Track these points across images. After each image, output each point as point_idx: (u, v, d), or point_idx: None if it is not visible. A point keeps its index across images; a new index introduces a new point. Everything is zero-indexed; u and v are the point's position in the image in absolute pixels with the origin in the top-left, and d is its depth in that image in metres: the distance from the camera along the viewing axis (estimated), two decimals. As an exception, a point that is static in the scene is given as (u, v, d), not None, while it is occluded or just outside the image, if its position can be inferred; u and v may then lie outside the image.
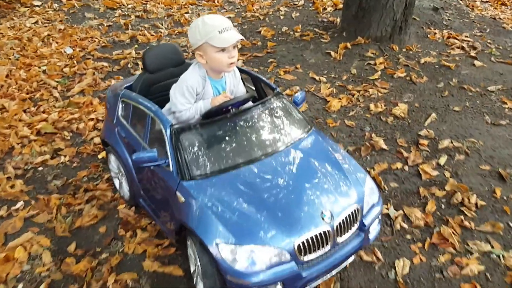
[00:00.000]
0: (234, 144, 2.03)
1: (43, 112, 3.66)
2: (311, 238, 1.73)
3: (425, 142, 3.13)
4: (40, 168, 3.02)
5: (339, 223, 1.81)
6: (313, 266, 1.77)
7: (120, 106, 2.43)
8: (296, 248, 1.71)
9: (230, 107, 2.15)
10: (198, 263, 1.86)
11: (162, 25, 5.58)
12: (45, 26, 5.51)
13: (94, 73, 4.32)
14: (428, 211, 2.55)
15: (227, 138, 2.03)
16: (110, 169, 2.75)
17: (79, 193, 2.76)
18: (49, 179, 2.91)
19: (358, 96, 3.73)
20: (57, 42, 5.02)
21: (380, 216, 2.08)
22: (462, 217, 2.49)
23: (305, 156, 2.04)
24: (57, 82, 4.14)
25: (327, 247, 1.79)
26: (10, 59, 4.56)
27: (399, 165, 2.92)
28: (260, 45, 4.83)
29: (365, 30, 4.68)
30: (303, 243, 1.72)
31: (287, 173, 1.94)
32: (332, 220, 1.79)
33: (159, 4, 6.31)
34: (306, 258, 1.74)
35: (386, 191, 2.72)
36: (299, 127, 2.21)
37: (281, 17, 5.67)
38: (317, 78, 4.06)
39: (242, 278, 1.67)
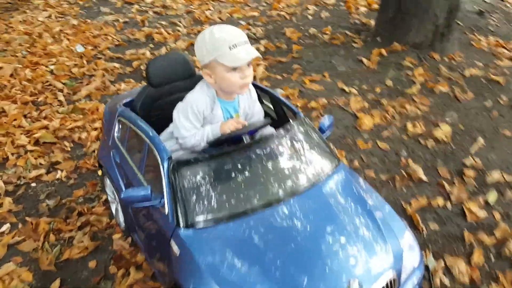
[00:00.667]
0: (246, 183, 1.70)
1: (45, 118, 3.42)
2: (334, 316, 1.40)
3: (471, 173, 2.73)
4: (34, 184, 2.77)
5: (370, 296, 1.46)
6: None
7: (117, 126, 2.13)
8: (313, 328, 1.37)
9: (242, 135, 1.83)
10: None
11: (181, 22, 5.28)
12: (58, 21, 5.30)
13: (104, 75, 4.07)
14: (475, 263, 2.17)
15: (237, 174, 1.71)
16: (106, 192, 2.47)
17: (72, 217, 2.49)
18: (42, 198, 2.66)
19: (393, 113, 3.34)
20: (68, 39, 4.79)
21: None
22: (516, 273, 2.11)
23: (331, 201, 1.70)
24: (63, 83, 3.90)
25: (353, 326, 1.45)
26: (17, 56, 4.35)
27: (440, 201, 2.54)
28: (285, 48, 4.48)
29: (402, 36, 4.27)
30: (324, 323, 1.38)
31: (308, 224, 1.60)
32: (361, 291, 1.45)
33: (179, -1, 6.03)
34: None
35: (424, 233, 2.34)
36: (325, 162, 1.87)
37: (309, 17, 5.30)
38: (346, 89, 3.69)
39: None
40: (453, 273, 2.12)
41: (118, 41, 4.82)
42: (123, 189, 2.02)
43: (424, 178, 2.71)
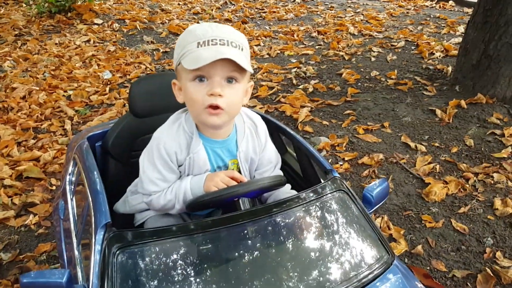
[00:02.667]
0: (235, 281, 1.05)
1: (41, 147, 2.98)
2: None
3: None
4: (-5, 229, 2.27)
5: None
6: None
7: (70, 166, 1.57)
8: None
9: (237, 198, 1.20)
10: None
11: (224, 56, 4.85)
12: (95, 46, 5.07)
13: (124, 105, 3.64)
14: None
15: (222, 265, 1.07)
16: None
17: (23, 281, 1.93)
18: (-2, 249, 2.14)
19: (475, 182, 2.57)
20: (98, 65, 4.49)
21: None
22: None
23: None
24: (76, 111, 3.51)
25: None
26: (37, 78, 4.06)
27: (547, 323, 1.72)
28: (338, 90, 3.86)
29: (489, 86, 3.51)
30: None
31: None
32: None
33: (228, 32, 5.66)
34: None
35: None
36: (369, 255, 1.18)
37: (372, 59, 4.68)
38: (412, 145, 2.97)
39: None
40: None
41: (151, 70, 4.45)
42: (65, 261, 1.42)
43: (521, 283, 1.90)
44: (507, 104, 3.44)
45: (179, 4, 7.23)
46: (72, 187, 1.53)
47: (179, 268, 1.02)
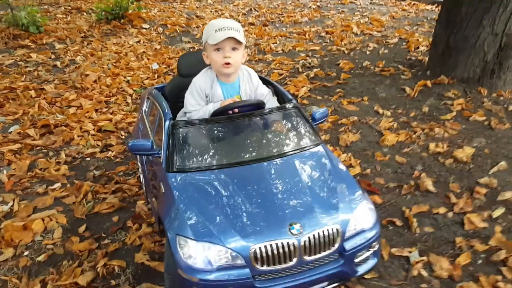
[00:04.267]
0: (228, 145, 2.05)
1: (111, 113, 4.06)
2: (271, 246, 1.63)
3: (483, 190, 2.75)
4: (88, 159, 3.33)
5: (309, 239, 1.67)
6: (272, 280, 1.66)
7: (145, 103, 2.60)
8: (252, 254, 1.62)
9: (238, 110, 2.17)
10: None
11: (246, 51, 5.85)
12: (144, 45, 6.17)
13: (169, 87, 4.68)
14: (459, 263, 2.21)
15: (223, 138, 2.07)
16: (139, 165, 2.92)
17: (110, 184, 2.98)
18: (91, 169, 3.19)
19: (420, 134, 3.45)
20: (148, 59, 5.58)
21: (376, 248, 1.88)
22: (499, 277, 2.11)
23: (297, 167, 1.96)
24: (134, 90, 4.58)
25: (290, 263, 1.66)
26: (103, 68, 5.18)
27: (442, 210, 2.61)
28: (334, 76, 4.79)
29: (451, 71, 4.35)
30: (260, 249, 1.62)
31: (272, 181, 1.88)
32: (300, 234, 1.67)
33: (251, 34, 6.66)
34: (262, 268, 1.64)
35: (416, 234, 2.43)
36: (306, 140, 2.14)
37: (367, 52, 5.57)
38: (381, 111, 3.87)
39: (191, 274, 1.63)
40: (433, 268, 2.19)
41: (188, 63, 5.49)
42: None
43: (432, 189, 2.78)
44: (464, 83, 4.27)
45: (211, 11, 8.31)
46: (148, 114, 2.55)
47: (209, 136, 2.02)
